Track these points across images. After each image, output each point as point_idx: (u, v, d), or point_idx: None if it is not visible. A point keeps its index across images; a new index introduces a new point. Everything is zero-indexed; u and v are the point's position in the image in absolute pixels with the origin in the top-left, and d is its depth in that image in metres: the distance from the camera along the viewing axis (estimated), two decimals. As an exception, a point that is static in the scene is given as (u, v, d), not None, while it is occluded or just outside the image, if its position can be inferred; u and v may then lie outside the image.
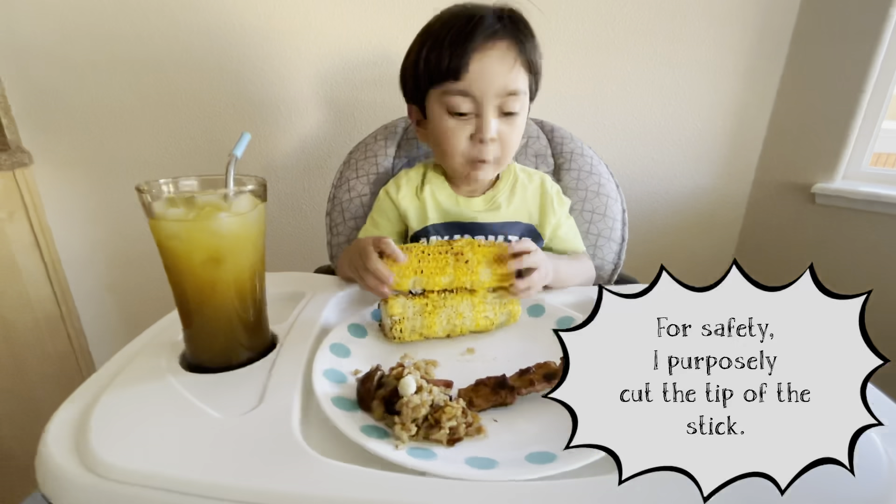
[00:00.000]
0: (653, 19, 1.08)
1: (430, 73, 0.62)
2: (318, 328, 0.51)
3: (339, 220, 0.78)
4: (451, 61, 0.60)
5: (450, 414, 0.36)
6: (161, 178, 0.42)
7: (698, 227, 1.28)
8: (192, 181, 0.43)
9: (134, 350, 0.47)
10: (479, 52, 0.59)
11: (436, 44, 0.61)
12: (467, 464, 0.33)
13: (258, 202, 0.43)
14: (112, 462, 0.32)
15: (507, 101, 0.61)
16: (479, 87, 0.60)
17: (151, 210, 0.39)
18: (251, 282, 0.43)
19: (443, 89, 0.62)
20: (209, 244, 0.40)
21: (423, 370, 0.43)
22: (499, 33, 0.60)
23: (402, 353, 0.48)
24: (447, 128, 0.63)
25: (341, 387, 0.41)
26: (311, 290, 0.60)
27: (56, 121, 1.10)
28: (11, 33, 1.03)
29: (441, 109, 0.63)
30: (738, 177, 1.23)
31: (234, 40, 1.05)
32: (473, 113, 0.62)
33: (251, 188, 0.42)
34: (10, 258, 1.07)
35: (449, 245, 0.53)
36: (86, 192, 1.17)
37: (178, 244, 0.39)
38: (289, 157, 1.16)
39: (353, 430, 0.35)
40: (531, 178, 0.73)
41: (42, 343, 1.15)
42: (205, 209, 0.40)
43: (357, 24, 1.06)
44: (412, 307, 0.50)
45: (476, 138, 0.63)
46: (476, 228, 0.69)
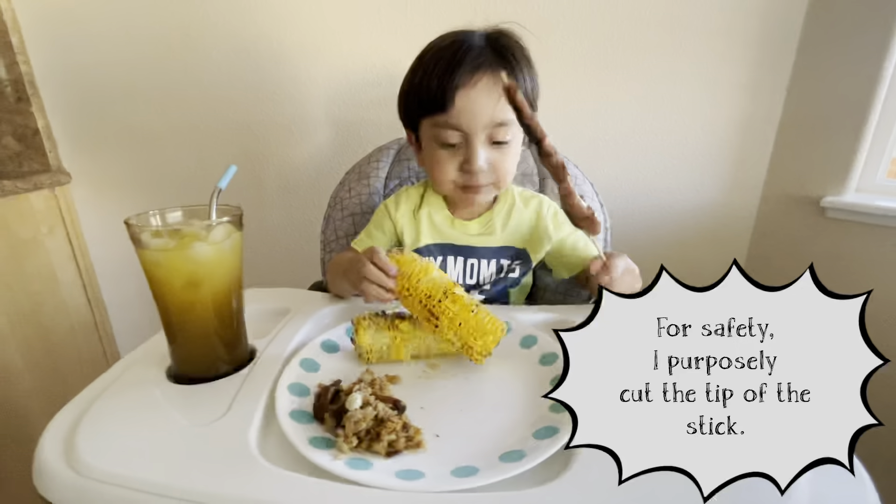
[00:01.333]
0: (652, 34, 1.08)
1: (420, 103, 0.64)
2: (296, 343, 0.55)
3: (332, 238, 0.83)
4: (437, 94, 0.60)
5: (390, 428, 0.39)
6: (151, 210, 0.47)
7: (705, 242, 1.26)
8: (177, 212, 0.48)
9: (131, 360, 0.53)
10: (464, 87, 0.60)
11: (425, 75, 0.62)
12: (396, 476, 0.36)
13: (234, 230, 0.47)
14: (92, 462, 0.37)
15: (496, 131, 0.62)
16: (465, 120, 0.61)
17: (139, 240, 0.44)
18: (228, 302, 0.48)
19: (432, 120, 0.63)
20: (188, 270, 0.45)
21: (379, 386, 0.46)
22: (484, 65, 0.60)
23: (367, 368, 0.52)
24: (437, 157, 0.64)
25: (303, 400, 0.45)
26: (296, 306, 0.64)
27: (92, 144, 1.21)
28: (55, 66, 1.15)
29: (431, 139, 0.64)
30: (746, 190, 1.21)
31: (249, 67, 1.13)
32: (462, 144, 0.62)
33: (227, 220, 0.46)
34: (49, 269, 1.18)
35: (431, 301, 0.51)
36: (118, 208, 1.27)
37: (161, 270, 0.45)
38: (299, 174, 1.23)
39: (301, 440, 0.38)
40: (528, 203, 0.73)
41: (77, 347, 1.26)
42: (185, 239, 0.45)
43: (362, 46, 1.11)
44: (382, 340, 0.52)
45: (465, 168, 0.63)
46: (469, 252, 0.71)
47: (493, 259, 0.71)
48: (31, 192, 1.13)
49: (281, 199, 1.24)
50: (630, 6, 1.06)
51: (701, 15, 1.06)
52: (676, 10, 1.06)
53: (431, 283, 0.52)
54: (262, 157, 1.21)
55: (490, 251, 0.71)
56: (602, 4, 1.06)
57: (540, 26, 1.08)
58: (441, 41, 0.64)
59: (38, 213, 1.16)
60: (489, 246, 0.71)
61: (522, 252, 0.71)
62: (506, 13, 1.07)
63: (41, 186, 1.14)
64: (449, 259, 0.71)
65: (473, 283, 0.72)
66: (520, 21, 0.67)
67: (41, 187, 1.14)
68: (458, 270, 0.71)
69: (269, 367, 0.49)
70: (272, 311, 0.64)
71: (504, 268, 0.72)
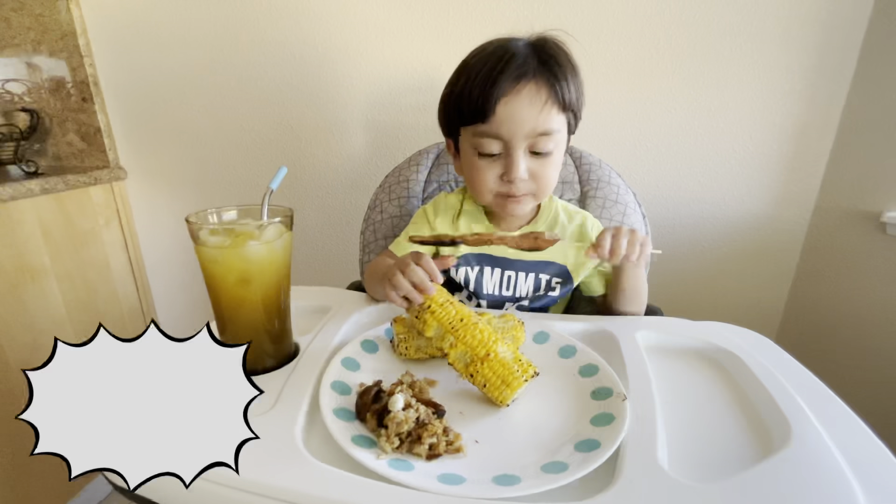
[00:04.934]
0: (699, 40, 1.05)
1: (460, 112, 0.63)
2: (337, 342, 0.56)
3: (371, 240, 0.84)
4: (479, 103, 0.59)
5: (431, 431, 0.40)
6: (209, 208, 0.50)
7: (751, 256, 1.21)
8: (232, 212, 0.50)
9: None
10: (506, 96, 0.58)
11: (467, 83, 0.61)
12: (438, 479, 0.36)
13: (284, 231, 0.49)
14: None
15: (537, 141, 0.60)
16: (507, 130, 0.59)
17: (198, 237, 0.47)
18: (276, 299, 0.50)
19: (472, 130, 0.62)
20: (241, 268, 0.47)
21: (419, 388, 0.47)
22: (528, 74, 0.59)
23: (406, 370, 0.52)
24: (477, 166, 0.63)
25: (345, 398, 0.46)
26: (338, 305, 0.66)
27: (147, 142, 1.28)
28: (116, 68, 1.22)
29: (471, 148, 0.63)
30: (797, 203, 1.16)
31: (294, 70, 1.17)
32: (503, 153, 0.62)
33: (279, 220, 0.48)
34: (104, 259, 1.25)
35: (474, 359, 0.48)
36: (167, 203, 1.34)
37: (216, 267, 0.47)
38: (338, 176, 1.25)
39: (344, 438, 0.39)
40: (572, 219, 0.71)
41: (125, 333, 1.32)
42: (239, 237, 0.47)
43: (404, 52, 1.13)
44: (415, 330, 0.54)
45: (505, 178, 0.63)
46: (507, 264, 0.69)
47: (532, 273, 0.70)
48: (92, 186, 1.20)
49: (320, 201, 1.28)
50: (678, 12, 1.03)
51: (755, 21, 1.02)
52: (729, 16, 1.02)
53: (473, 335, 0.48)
54: (303, 159, 1.24)
55: (529, 264, 0.70)
56: (649, 10, 1.04)
57: (584, 32, 1.07)
58: (484, 48, 0.63)
59: (97, 206, 1.23)
60: (529, 259, 0.69)
61: (563, 270, 0.70)
62: (549, 19, 1.06)
63: (100, 181, 1.21)
64: (486, 270, 0.70)
65: (510, 295, 0.71)
66: (564, 27, 0.66)
67: (100, 182, 1.22)
68: (494, 281, 0.71)
69: (313, 364, 0.51)
70: (314, 309, 0.65)
71: (544, 284, 0.71)
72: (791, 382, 0.48)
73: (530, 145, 0.61)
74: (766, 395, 0.46)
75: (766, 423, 0.44)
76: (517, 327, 0.55)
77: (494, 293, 0.71)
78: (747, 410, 0.47)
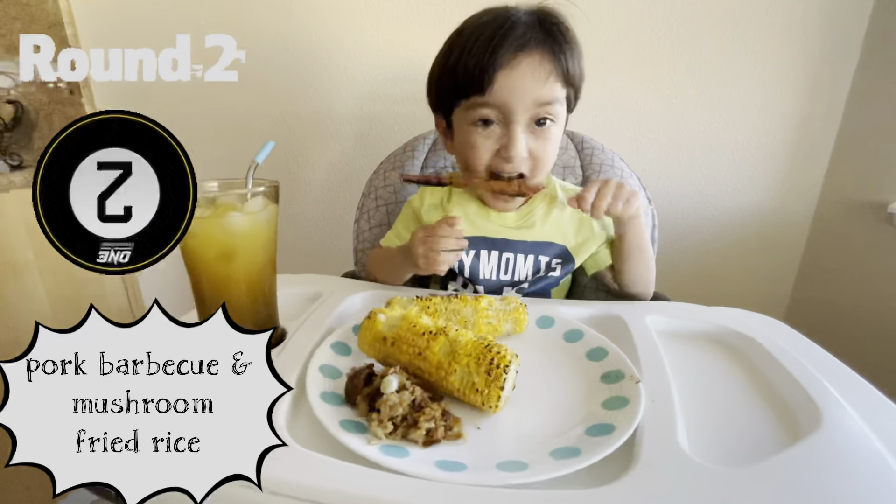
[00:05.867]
0: (703, 28, 1.03)
1: (455, 84, 0.59)
2: (326, 327, 0.53)
3: (366, 228, 0.81)
4: (476, 74, 0.56)
5: (428, 415, 0.36)
6: (188, 181, 0.46)
7: (755, 248, 1.18)
8: (213, 184, 0.47)
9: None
10: (506, 67, 0.55)
11: (462, 54, 0.57)
12: (437, 466, 0.32)
13: (269, 203, 0.46)
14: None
15: (539, 111, 0.57)
16: (507, 101, 0.56)
17: (174, 208, 0.43)
18: (261, 277, 0.46)
19: (468, 103, 0.58)
20: (222, 241, 0.43)
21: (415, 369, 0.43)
22: (531, 42, 0.55)
23: (401, 354, 0.49)
24: (472, 142, 0.60)
25: (334, 382, 0.43)
26: (329, 291, 0.62)
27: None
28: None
29: (466, 121, 0.60)
30: (801, 194, 1.13)
31: (286, 60, 1.14)
32: (501, 122, 0.58)
33: (263, 189, 0.45)
34: (90, 255, 1.21)
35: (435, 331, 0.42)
36: (156, 198, 1.30)
37: (195, 240, 0.43)
38: (332, 168, 1.22)
39: (332, 423, 0.36)
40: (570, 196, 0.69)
41: (108, 310, 1.28)
42: (220, 207, 0.43)
43: (398, 41, 1.10)
44: (413, 309, 0.50)
45: (502, 155, 0.59)
46: (504, 245, 0.66)
47: (531, 254, 0.66)
48: (77, 178, 1.16)
49: (312, 194, 1.24)
50: None
51: (758, 10, 1.00)
52: (731, 5, 1.00)
53: None
54: (295, 150, 1.21)
55: (528, 245, 0.66)
56: (650, -5, 1.02)
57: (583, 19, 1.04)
58: (479, 17, 0.59)
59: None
60: (527, 240, 0.66)
61: (564, 251, 0.67)
62: (547, 5, 1.04)
63: (86, 173, 1.17)
64: (482, 253, 0.67)
65: (509, 279, 0.68)
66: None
67: (86, 174, 1.18)
68: (492, 266, 0.67)
69: (300, 349, 0.47)
70: (304, 296, 0.62)
71: (544, 266, 0.68)
72: (815, 365, 0.45)
73: (532, 117, 0.58)
74: (790, 378, 0.43)
75: (791, 407, 0.41)
76: (519, 309, 0.52)
77: (492, 278, 0.67)
78: (769, 394, 0.43)
